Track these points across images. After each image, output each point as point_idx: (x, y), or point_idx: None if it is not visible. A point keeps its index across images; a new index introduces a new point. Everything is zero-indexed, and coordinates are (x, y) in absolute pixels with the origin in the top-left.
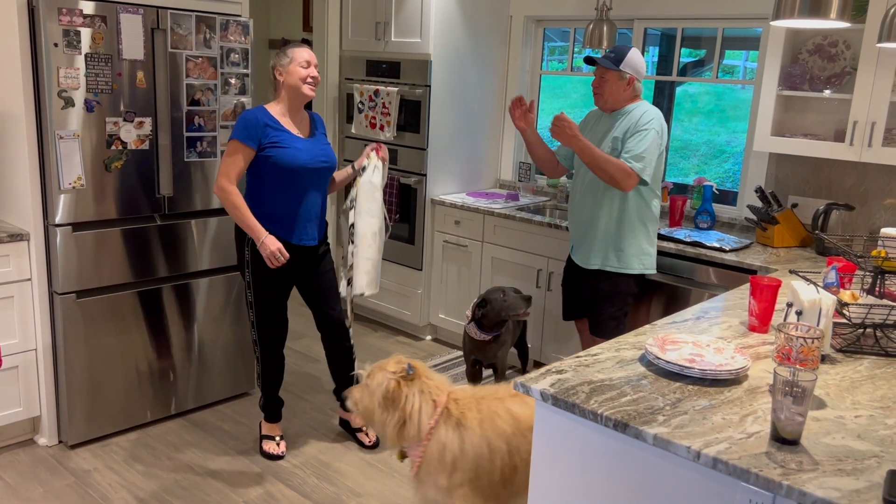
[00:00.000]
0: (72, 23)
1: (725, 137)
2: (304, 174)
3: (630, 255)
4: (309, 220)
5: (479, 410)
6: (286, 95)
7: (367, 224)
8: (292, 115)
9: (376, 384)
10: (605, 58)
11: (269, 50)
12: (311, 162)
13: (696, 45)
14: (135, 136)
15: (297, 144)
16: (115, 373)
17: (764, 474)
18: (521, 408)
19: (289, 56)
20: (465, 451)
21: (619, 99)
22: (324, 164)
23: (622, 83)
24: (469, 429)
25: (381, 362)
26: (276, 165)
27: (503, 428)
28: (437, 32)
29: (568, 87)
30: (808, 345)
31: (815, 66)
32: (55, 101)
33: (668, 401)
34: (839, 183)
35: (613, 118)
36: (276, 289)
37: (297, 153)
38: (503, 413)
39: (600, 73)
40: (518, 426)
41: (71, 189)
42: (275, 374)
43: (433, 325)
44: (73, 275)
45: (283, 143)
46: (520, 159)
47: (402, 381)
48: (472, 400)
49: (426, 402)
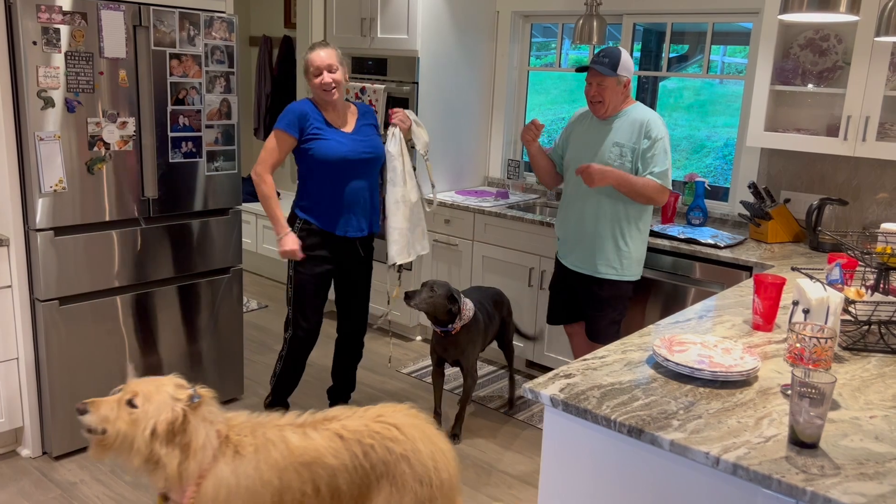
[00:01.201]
0: (51, 20)
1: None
2: (345, 166)
3: (631, 260)
4: (354, 211)
5: (255, 436)
6: (316, 97)
7: (390, 194)
8: (333, 110)
9: (155, 410)
10: (600, 64)
11: (250, 48)
12: (352, 153)
13: (679, 41)
14: (118, 137)
15: (338, 137)
16: (101, 381)
17: (786, 480)
18: (298, 438)
19: (306, 62)
20: (241, 484)
21: (617, 103)
22: (368, 156)
23: (619, 88)
24: (245, 457)
25: (145, 383)
26: (316, 157)
27: (275, 458)
28: (424, 28)
29: (548, 83)
30: (821, 345)
31: (806, 61)
32: (34, 102)
33: (681, 404)
34: (832, 178)
35: (608, 122)
36: (315, 285)
37: (338, 145)
38: (278, 441)
39: (598, 81)
40: (291, 458)
41: (52, 192)
42: (293, 377)
43: (423, 326)
44: (56, 281)
45: (323, 135)
46: (508, 157)
47: (189, 411)
48: (248, 425)
49: (212, 433)
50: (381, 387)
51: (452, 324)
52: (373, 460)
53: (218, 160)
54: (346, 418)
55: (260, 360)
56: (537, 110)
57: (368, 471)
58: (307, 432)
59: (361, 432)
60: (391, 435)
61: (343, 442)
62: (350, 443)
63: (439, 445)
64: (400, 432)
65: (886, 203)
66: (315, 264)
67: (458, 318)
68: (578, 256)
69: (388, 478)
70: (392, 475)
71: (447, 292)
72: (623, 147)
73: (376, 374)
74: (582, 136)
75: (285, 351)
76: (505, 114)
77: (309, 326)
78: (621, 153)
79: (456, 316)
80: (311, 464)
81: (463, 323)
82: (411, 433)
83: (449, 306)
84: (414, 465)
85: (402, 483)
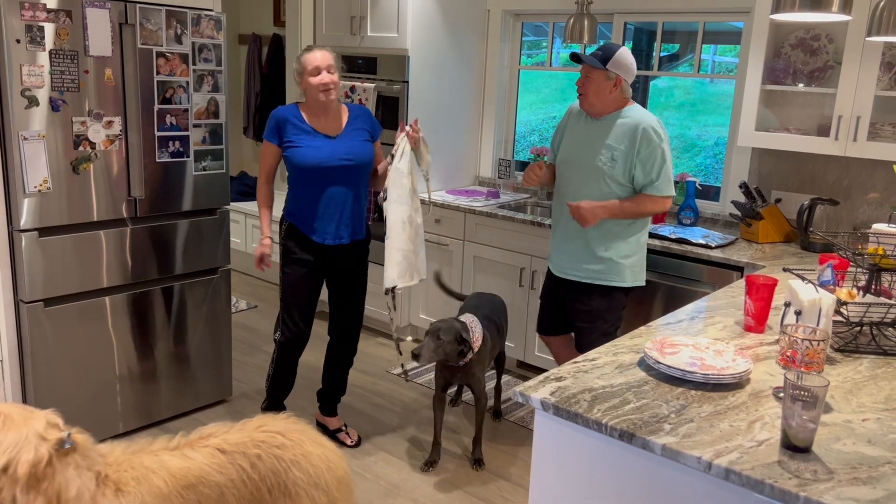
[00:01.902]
0: (35, 17)
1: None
2: (322, 172)
3: (625, 266)
4: (332, 219)
5: (134, 468)
6: (308, 100)
7: (394, 213)
8: (324, 114)
9: (12, 444)
10: (592, 55)
11: (240, 46)
12: (329, 160)
13: (670, 40)
14: (104, 137)
15: (316, 143)
16: (87, 383)
17: (779, 485)
18: (178, 461)
19: (302, 64)
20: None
21: (606, 101)
22: (347, 163)
23: (608, 84)
24: (128, 493)
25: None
26: (292, 164)
27: (158, 486)
28: (415, 27)
29: (539, 81)
30: (814, 347)
31: (797, 61)
32: (18, 101)
33: (673, 408)
34: (822, 178)
35: (603, 123)
36: (302, 287)
37: (314, 151)
38: (158, 468)
39: (585, 72)
40: (174, 483)
41: (36, 192)
42: (285, 380)
43: (414, 326)
44: (41, 282)
45: (298, 142)
46: (499, 156)
47: (55, 455)
48: (125, 458)
49: (88, 479)
50: (372, 388)
51: (465, 358)
52: (261, 471)
53: (206, 160)
54: (225, 433)
55: (249, 361)
56: (529, 109)
57: (259, 482)
58: (185, 453)
59: (245, 444)
60: (277, 442)
61: (226, 456)
62: (234, 456)
63: (327, 446)
64: (286, 438)
65: (877, 203)
66: (299, 266)
67: (469, 352)
68: (566, 262)
69: (281, 487)
70: (284, 484)
71: (455, 335)
72: (615, 151)
73: (368, 375)
74: (575, 135)
75: (276, 353)
76: (496, 113)
77: (296, 328)
78: (612, 157)
79: (468, 351)
80: (195, 485)
81: (475, 353)
82: (297, 437)
83: (460, 348)
84: (306, 469)
85: (296, 491)
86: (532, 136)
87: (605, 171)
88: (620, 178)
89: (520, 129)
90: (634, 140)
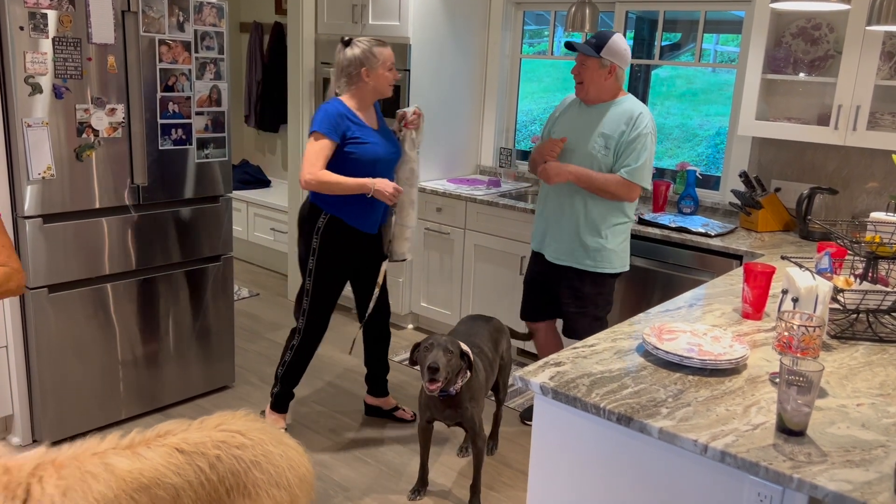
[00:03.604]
0: (38, 4)
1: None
2: (380, 165)
3: (616, 252)
4: (378, 208)
5: (63, 476)
6: (365, 93)
7: (406, 194)
8: (365, 110)
9: None
10: (586, 43)
11: (241, 34)
12: (386, 154)
13: (672, 29)
14: (106, 124)
15: (374, 138)
16: (91, 368)
17: (773, 467)
18: (128, 462)
19: (377, 57)
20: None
21: (602, 89)
22: (395, 155)
23: (603, 71)
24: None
25: None
26: (357, 160)
27: (101, 491)
28: (417, 15)
29: (541, 70)
30: (809, 333)
31: (798, 50)
32: (21, 88)
33: (670, 392)
34: (822, 167)
35: (597, 111)
36: (335, 279)
37: (377, 147)
38: (100, 472)
39: (580, 60)
40: (122, 486)
41: (40, 179)
42: (303, 367)
43: (415, 314)
44: (44, 268)
45: (363, 138)
46: (500, 145)
47: None
48: (49, 465)
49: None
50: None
51: (455, 384)
52: (220, 472)
53: (208, 147)
54: (184, 431)
55: (251, 349)
56: (530, 98)
57: (217, 484)
58: (139, 452)
59: (205, 443)
60: (237, 442)
61: (185, 456)
62: (193, 456)
63: (289, 444)
64: (245, 437)
65: (876, 192)
66: (338, 259)
67: (460, 376)
68: (558, 248)
69: (240, 488)
70: (244, 485)
71: (459, 350)
72: (609, 138)
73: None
74: (569, 123)
75: (298, 341)
76: (497, 102)
77: (324, 318)
78: (606, 144)
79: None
80: (148, 487)
81: (466, 380)
82: (258, 437)
83: (462, 365)
84: (266, 469)
85: (255, 491)
86: (534, 125)
87: (598, 158)
88: (612, 164)
89: (521, 118)
90: (627, 126)
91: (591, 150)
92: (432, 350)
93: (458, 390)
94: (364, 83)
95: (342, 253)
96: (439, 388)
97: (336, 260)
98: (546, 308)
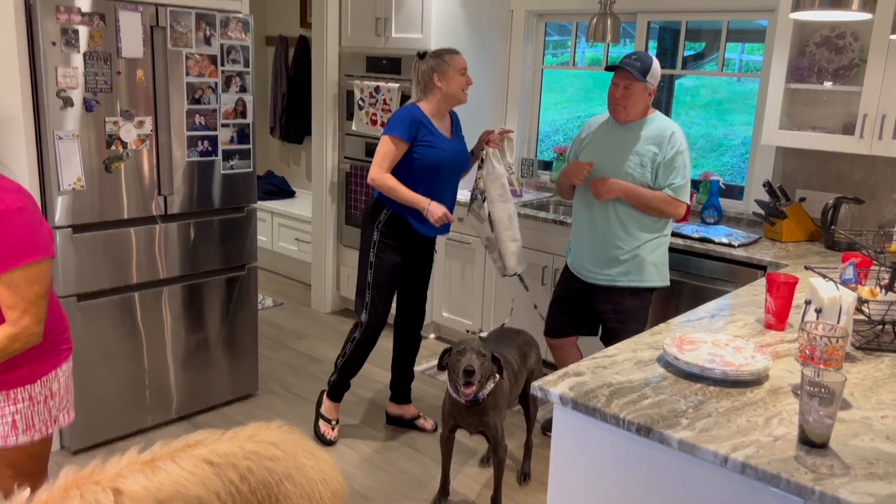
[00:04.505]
0: (70, 21)
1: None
2: (445, 171)
3: (655, 266)
4: None
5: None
6: (440, 99)
7: (501, 210)
8: (441, 117)
9: None
10: (632, 66)
11: (267, 47)
12: (452, 161)
13: (696, 38)
14: (135, 136)
15: (444, 145)
16: (118, 376)
17: (795, 479)
18: (143, 480)
19: (448, 63)
20: None
21: (638, 110)
22: (461, 166)
23: (644, 95)
24: None
25: None
26: (422, 163)
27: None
28: (439, 27)
29: (564, 81)
30: (832, 344)
31: (822, 59)
32: (53, 101)
33: (691, 403)
34: (848, 176)
35: (629, 130)
36: (395, 272)
37: (444, 153)
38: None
39: (626, 84)
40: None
41: (70, 190)
42: (363, 358)
43: (436, 324)
44: (74, 277)
45: (433, 143)
46: (522, 156)
47: None
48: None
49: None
50: None
51: (484, 389)
52: (252, 484)
53: (233, 159)
54: (214, 442)
55: (275, 357)
56: (553, 108)
57: (248, 496)
58: (159, 466)
59: (235, 455)
60: (270, 454)
61: (213, 468)
62: (222, 468)
63: (322, 457)
64: (279, 449)
65: None
66: (398, 254)
67: (490, 380)
68: (596, 266)
69: (271, 501)
70: (275, 498)
71: (490, 353)
72: (643, 156)
73: (385, 369)
74: (601, 143)
75: (360, 334)
76: (519, 112)
77: (384, 311)
78: (641, 163)
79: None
80: (165, 501)
81: (493, 387)
82: (291, 449)
83: (493, 369)
84: (299, 483)
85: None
86: (556, 135)
87: (635, 176)
88: (651, 182)
89: (544, 128)
90: (662, 144)
91: (628, 169)
92: (465, 354)
93: (485, 396)
94: (438, 89)
95: (400, 248)
96: (474, 392)
97: (393, 254)
98: (571, 326)
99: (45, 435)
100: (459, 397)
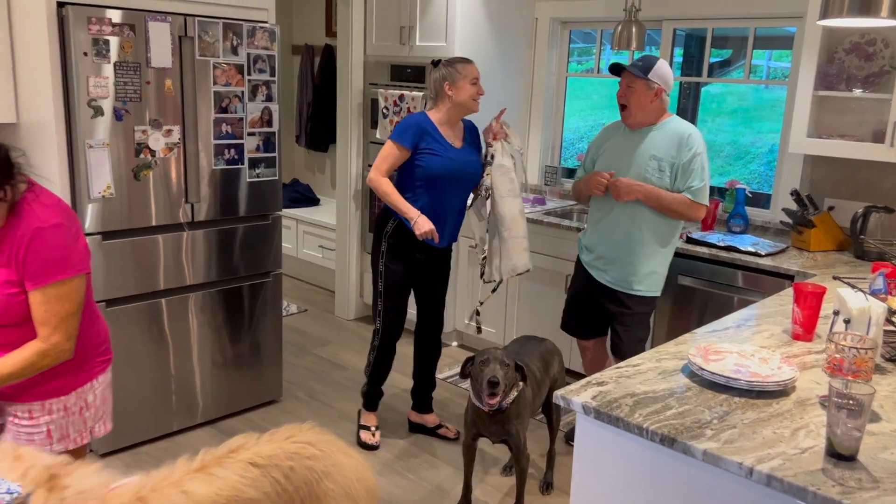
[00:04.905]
0: (101, 31)
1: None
2: (449, 181)
3: (660, 276)
4: (445, 222)
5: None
6: (450, 108)
7: (511, 206)
8: (451, 126)
9: None
10: (633, 66)
11: (293, 56)
12: (458, 171)
13: (722, 45)
14: (163, 145)
15: (450, 154)
16: (145, 381)
17: (822, 492)
18: (203, 484)
19: (459, 72)
20: None
21: (647, 112)
22: (469, 174)
23: (649, 94)
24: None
25: None
26: (425, 171)
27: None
28: (463, 36)
29: (588, 88)
30: (861, 355)
31: (852, 66)
32: (84, 110)
33: (716, 414)
34: (878, 185)
35: (644, 135)
36: (404, 280)
37: (448, 162)
38: (180, 500)
39: (627, 83)
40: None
41: (100, 198)
42: (386, 365)
43: (459, 332)
44: (103, 283)
45: (436, 151)
46: (546, 163)
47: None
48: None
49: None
50: None
51: (508, 398)
52: (295, 482)
53: (259, 167)
54: (255, 445)
55: (299, 364)
56: (577, 116)
57: (293, 494)
58: (212, 472)
59: (277, 455)
60: (309, 453)
61: (259, 469)
62: (268, 469)
63: (356, 457)
64: (316, 449)
65: None
66: (407, 263)
67: (514, 389)
68: (615, 273)
69: (313, 498)
70: (316, 495)
71: (514, 362)
72: (661, 161)
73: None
74: (615, 150)
75: (378, 341)
76: (543, 120)
77: (399, 319)
78: (660, 167)
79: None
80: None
81: (516, 395)
82: (328, 448)
83: (517, 377)
84: (338, 480)
85: (327, 501)
86: (581, 143)
87: (653, 181)
88: (670, 186)
89: (568, 135)
90: (680, 147)
91: (644, 174)
92: (489, 364)
93: (509, 405)
94: (448, 98)
95: (408, 257)
96: (499, 402)
97: (401, 263)
98: (590, 325)
99: (79, 445)
100: (483, 406)
